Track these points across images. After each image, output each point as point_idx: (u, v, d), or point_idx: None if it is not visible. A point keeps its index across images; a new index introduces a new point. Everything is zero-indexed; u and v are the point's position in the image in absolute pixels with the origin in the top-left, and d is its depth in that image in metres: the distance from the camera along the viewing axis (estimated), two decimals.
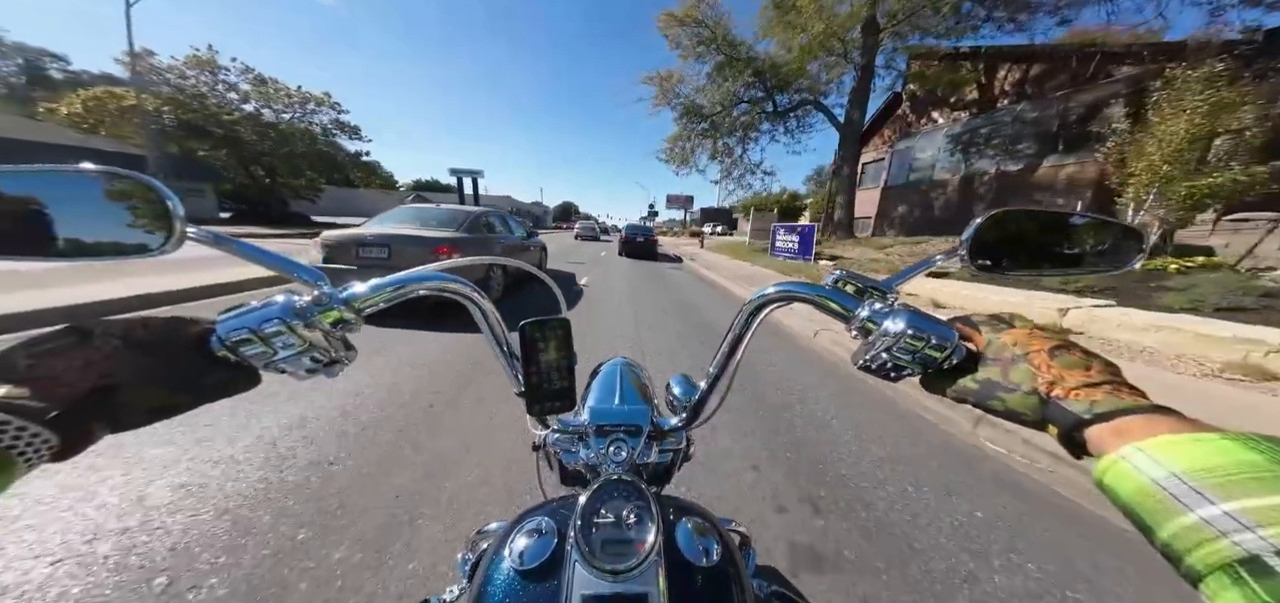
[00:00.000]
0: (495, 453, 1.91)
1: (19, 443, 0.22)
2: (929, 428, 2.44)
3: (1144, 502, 0.21)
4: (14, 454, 0.22)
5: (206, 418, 1.92)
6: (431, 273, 0.42)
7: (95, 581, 1.15)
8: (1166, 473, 0.20)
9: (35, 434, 0.23)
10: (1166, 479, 0.20)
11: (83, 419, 0.26)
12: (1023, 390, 0.29)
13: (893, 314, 0.35)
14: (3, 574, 1.16)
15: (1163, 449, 0.21)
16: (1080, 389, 0.27)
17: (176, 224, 0.32)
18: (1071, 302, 4.43)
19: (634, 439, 0.50)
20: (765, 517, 1.58)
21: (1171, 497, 0.19)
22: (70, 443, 0.25)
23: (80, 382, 0.25)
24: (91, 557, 1.22)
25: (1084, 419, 0.26)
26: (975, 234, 0.39)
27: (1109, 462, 0.23)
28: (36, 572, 1.16)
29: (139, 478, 1.56)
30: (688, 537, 0.36)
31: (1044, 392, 0.28)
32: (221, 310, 0.33)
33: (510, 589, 0.33)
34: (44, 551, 1.23)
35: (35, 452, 0.23)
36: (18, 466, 0.23)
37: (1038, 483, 1.93)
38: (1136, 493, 0.21)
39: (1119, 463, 0.22)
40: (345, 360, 0.38)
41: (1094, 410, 0.25)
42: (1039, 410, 0.28)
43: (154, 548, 1.27)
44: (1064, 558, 1.48)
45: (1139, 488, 0.21)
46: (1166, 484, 0.20)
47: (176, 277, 4.73)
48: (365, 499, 1.55)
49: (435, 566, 1.29)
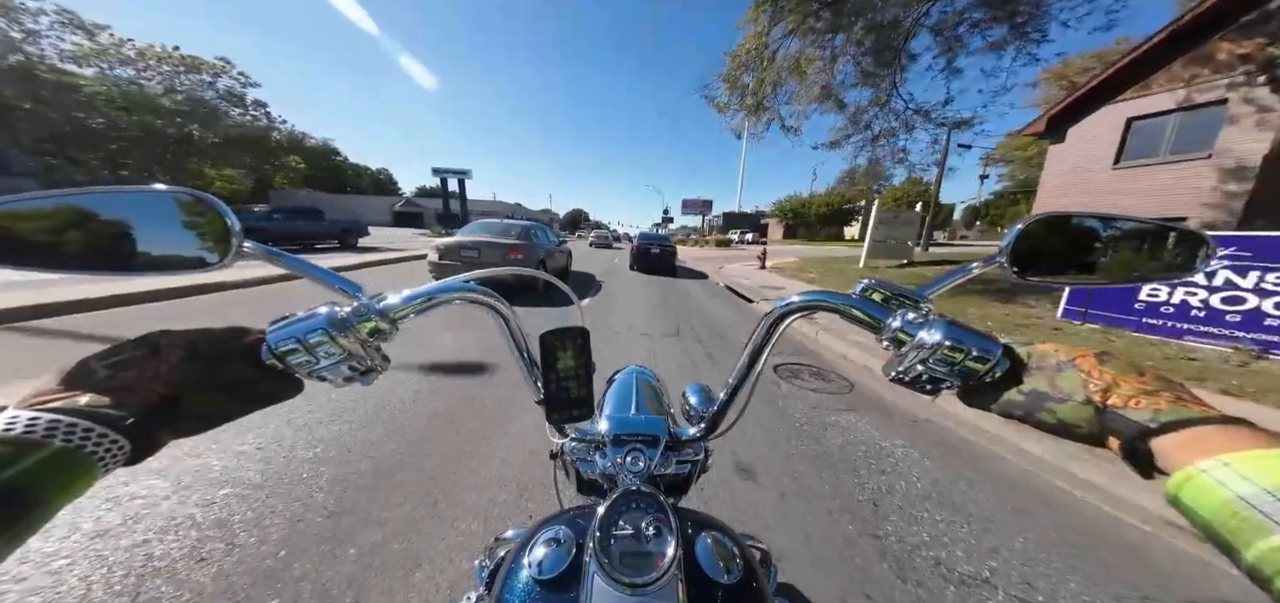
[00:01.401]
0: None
1: (99, 449, 0.24)
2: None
3: (1229, 521, 0.19)
4: (93, 459, 0.24)
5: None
6: (459, 284, 0.43)
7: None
8: (1257, 489, 0.19)
9: (114, 441, 0.25)
10: (1257, 496, 0.19)
11: (153, 427, 0.27)
12: (1075, 400, 0.27)
13: (928, 325, 0.34)
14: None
15: (1252, 464, 0.19)
16: (1139, 397, 0.25)
17: (234, 240, 0.34)
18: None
19: (651, 450, 0.49)
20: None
21: (1263, 515, 0.18)
22: (141, 449, 0.27)
23: (151, 391, 0.27)
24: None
25: (1150, 429, 0.23)
26: (1016, 240, 0.37)
27: (1185, 476, 0.21)
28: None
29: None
30: (708, 552, 0.35)
31: (1099, 400, 0.26)
32: (270, 321, 0.35)
33: (529, 599, 0.33)
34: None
35: (112, 457, 0.25)
36: (96, 470, 0.24)
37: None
38: (1220, 510, 0.20)
39: (1199, 477, 0.21)
40: (380, 369, 0.40)
41: (1160, 419, 0.23)
42: (1096, 421, 0.26)
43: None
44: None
45: (1223, 504, 0.20)
46: (1256, 501, 0.19)
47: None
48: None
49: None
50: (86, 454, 0.23)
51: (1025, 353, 0.31)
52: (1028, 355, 0.31)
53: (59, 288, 4.29)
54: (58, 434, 0.23)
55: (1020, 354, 0.32)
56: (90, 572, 1.23)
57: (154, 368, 0.29)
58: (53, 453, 0.22)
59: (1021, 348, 0.32)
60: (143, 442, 0.27)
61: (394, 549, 1.39)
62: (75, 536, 1.35)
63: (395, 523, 1.51)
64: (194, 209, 0.34)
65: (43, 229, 0.30)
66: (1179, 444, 0.23)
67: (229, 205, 0.34)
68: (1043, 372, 0.30)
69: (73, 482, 0.23)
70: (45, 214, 0.30)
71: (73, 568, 1.24)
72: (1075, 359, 0.28)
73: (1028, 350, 0.31)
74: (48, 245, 0.30)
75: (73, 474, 0.23)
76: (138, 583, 1.21)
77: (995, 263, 0.38)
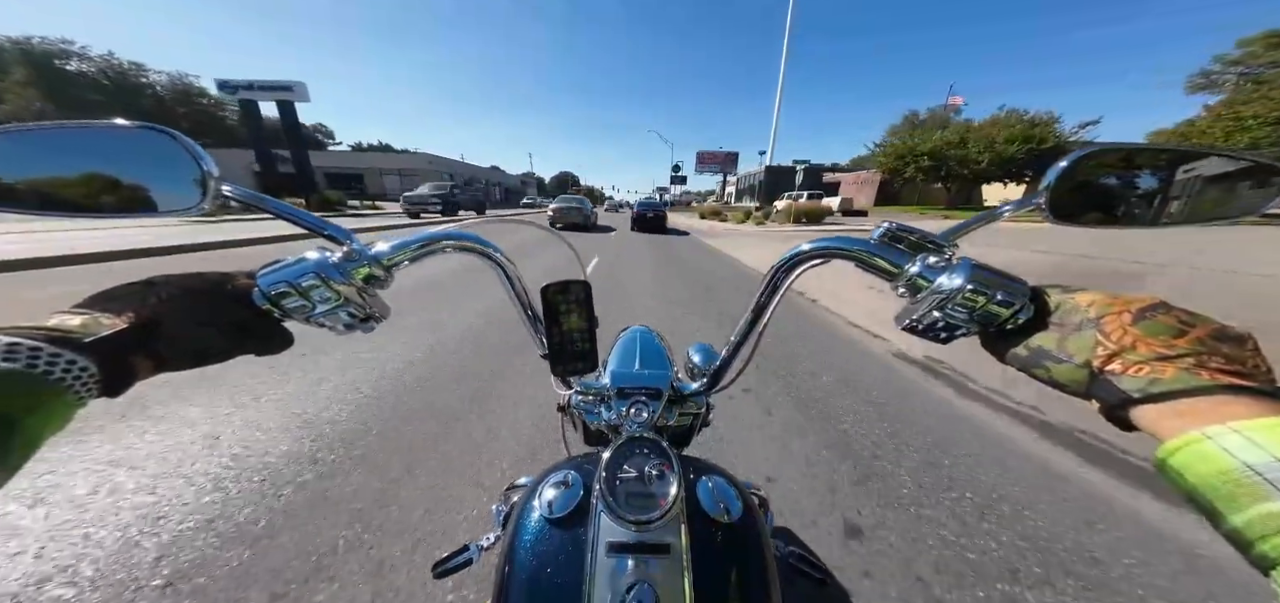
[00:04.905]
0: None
1: (66, 375, 0.24)
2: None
3: (1223, 486, 0.20)
4: (62, 386, 0.23)
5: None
6: (455, 231, 0.43)
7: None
8: (1268, 458, 0.19)
9: (82, 367, 0.24)
10: (1265, 464, 0.19)
11: (124, 353, 0.27)
12: (1075, 363, 0.26)
13: (951, 270, 0.32)
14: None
15: (1265, 432, 0.19)
16: (1146, 364, 0.24)
17: (211, 182, 0.33)
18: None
19: (655, 402, 0.51)
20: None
21: (1264, 481, 0.18)
22: (114, 377, 0.26)
23: (120, 317, 0.27)
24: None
25: (1132, 398, 0.24)
26: (1058, 179, 0.34)
27: (1182, 441, 0.21)
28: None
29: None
30: (709, 494, 0.37)
31: (1099, 365, 0.25)
32: (262, 266, 0.35)
33: (540, 535, 0.35)
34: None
35: (82, 385, 0.25)
36: (67, 397, 0.24)
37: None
38: (1216, 476, 0.20)
39: (1200, 444, 0.21)
40: (380, 316, 0.40)
41: (1149, 389, 0.23)
42: (1084, 384, 0.26)
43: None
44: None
45: (1220, 471, 0.20)
46: (1262, 468, 0.19)
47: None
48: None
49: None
50: (54, 380, 0.23)
51: (1055, 302, 0.29)
52: (1057, 306, 0.29)
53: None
54: (20, 358, 0.22)
55: (1048, 302, 0.30)
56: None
57: (141, 298, 0.28)
58: (13, 376, 0.22)
59: (1054, 295, 0.30)
60: (115, 370, 0.26)
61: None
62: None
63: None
64: (162, 148, 0.32)
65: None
66: (1163, 413, 0.23)
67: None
68: (1060, 328, 0.28)
69: (45, 409, 0.23)
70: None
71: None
72: (1104, 318, 0.26)
73: (1059, 299, 0.29)
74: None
75: (42, 400, 0.23)
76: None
77: (1032, 205, 0.35)
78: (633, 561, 0.32)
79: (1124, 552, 1.38)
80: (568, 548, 0.34)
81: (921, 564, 1.31)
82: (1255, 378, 0.22)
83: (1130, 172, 0.35)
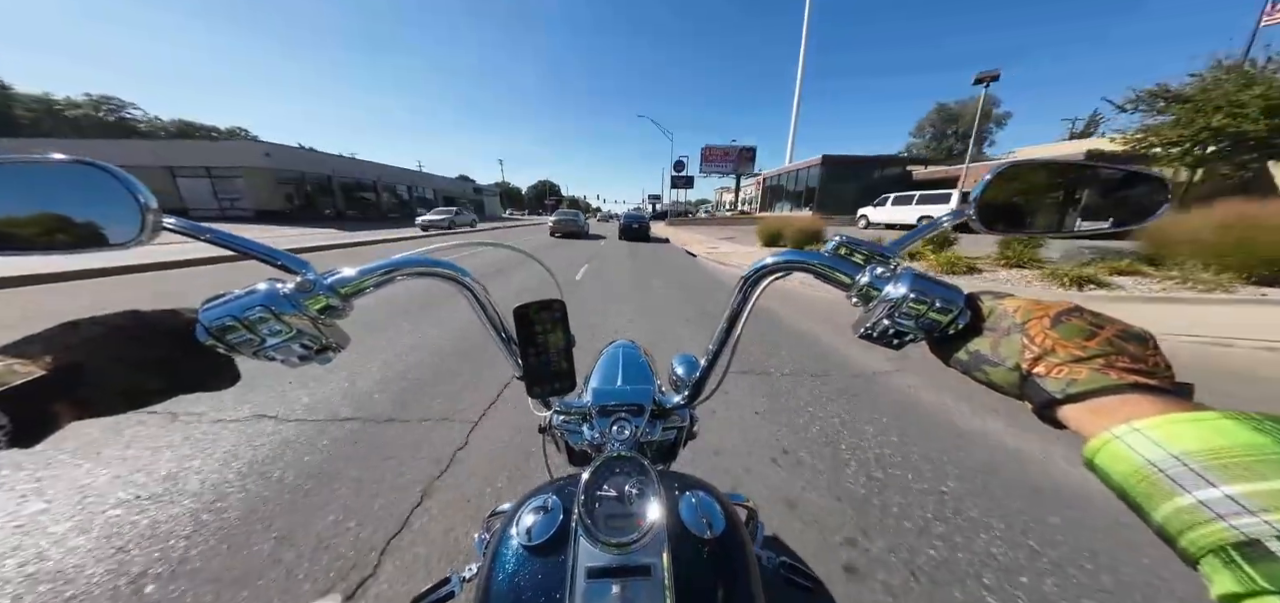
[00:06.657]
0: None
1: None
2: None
3: (1139, 484, 0.20)
4: None
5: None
6: (419, 258, 0.41)
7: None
8: (1165, 454, 0.19)
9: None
10: (1164, 460, 0.19)
11: (41, 401, 0.25)
12: (1006, 366, 0.28)
13: (895, 279, 0.34)
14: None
15: (1160, 429, 0.20)
16: (1065, 366, 0.25)
17: (149, 216, 0.32)
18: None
19: (637, 418, 0.50)
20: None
21: (1169, 479, 0.19)
22: (29, 426, 0.25)
23: (36, 363, 0.25)
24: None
25: (1055, 399, 0.25)
26: (984, 191, 0.37)
27: (1100, 442, 0.22)
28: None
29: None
30: (691, 510, 0.37)
31: (1026, 367, 0.27)
32: (204, 300, 0.33)
33: (519, 564, 0.34)
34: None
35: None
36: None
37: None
38: (1131, 475, 0.20)
39: (1112, 443, 0.21)
40: (338, 347, 0.38)
41: (1068, 390, 0.25)
42: (1017, 386, 0.28)
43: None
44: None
45: (1134, 470, 0.20)
46: (1164, 465, 0.19)
47: None
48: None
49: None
50: None
51: (987, 308, 0.32)
52: (989, 312, 0.31)
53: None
54: None
55: (982, 308, 0.32)
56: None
57: (62, 342, 0.27)
58: None
59: (987, 301, 0.32)
60: (30, 418, 0.25)
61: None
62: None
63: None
64: (95, 182, 0.31)
65: None
66: (1083, 412, 0.24)
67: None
68: (993, 332, 0.30)
69: None
70: None
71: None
72: (1028, 323, 0.28)
73: (991, 305, 0.32)
74: None
75: None
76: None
77: (963, 216, 0.38)
78: (614, 585, 0.31)
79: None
80: (547, 576, 0.33)
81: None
82: (1155, 376, 0.24)
83: (1047, 184, 0.38)
